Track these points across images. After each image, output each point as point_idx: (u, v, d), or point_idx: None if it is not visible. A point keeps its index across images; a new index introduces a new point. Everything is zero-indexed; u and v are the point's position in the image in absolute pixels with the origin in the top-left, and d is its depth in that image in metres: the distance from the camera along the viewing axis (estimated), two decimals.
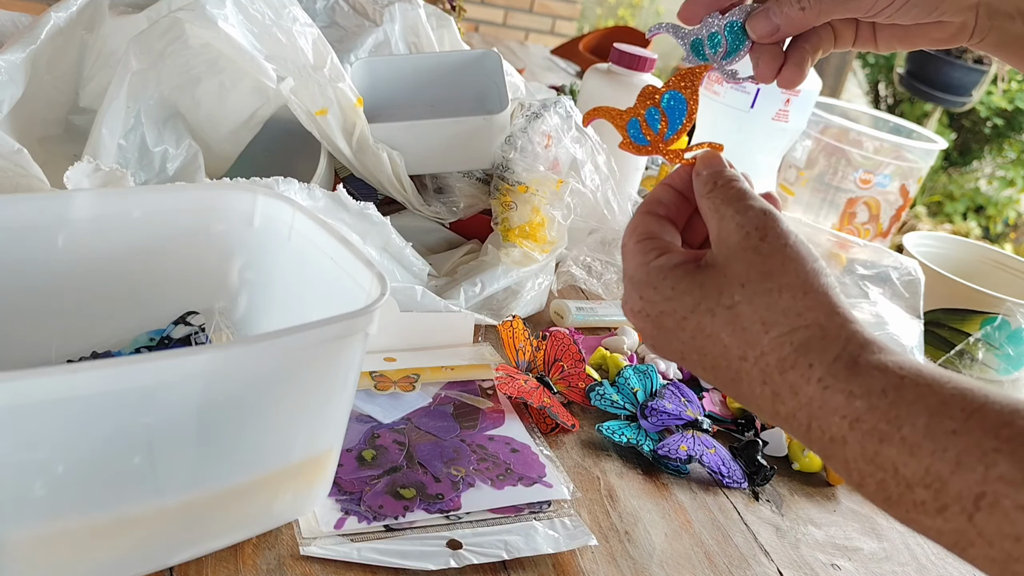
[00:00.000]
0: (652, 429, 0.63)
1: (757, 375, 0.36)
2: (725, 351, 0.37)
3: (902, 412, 0.32)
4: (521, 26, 3.54)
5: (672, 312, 0.39)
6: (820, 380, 0.34)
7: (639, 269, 0.41)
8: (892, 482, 0.32)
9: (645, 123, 0.46)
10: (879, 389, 0.33)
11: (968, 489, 0.30)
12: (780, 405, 0.35)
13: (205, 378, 0.38)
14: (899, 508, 0.32)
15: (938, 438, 0.31)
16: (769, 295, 0.36)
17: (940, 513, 0.31)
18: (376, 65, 0.80)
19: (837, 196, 1.14)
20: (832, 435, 0.33)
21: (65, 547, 0.38)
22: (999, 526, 0.29)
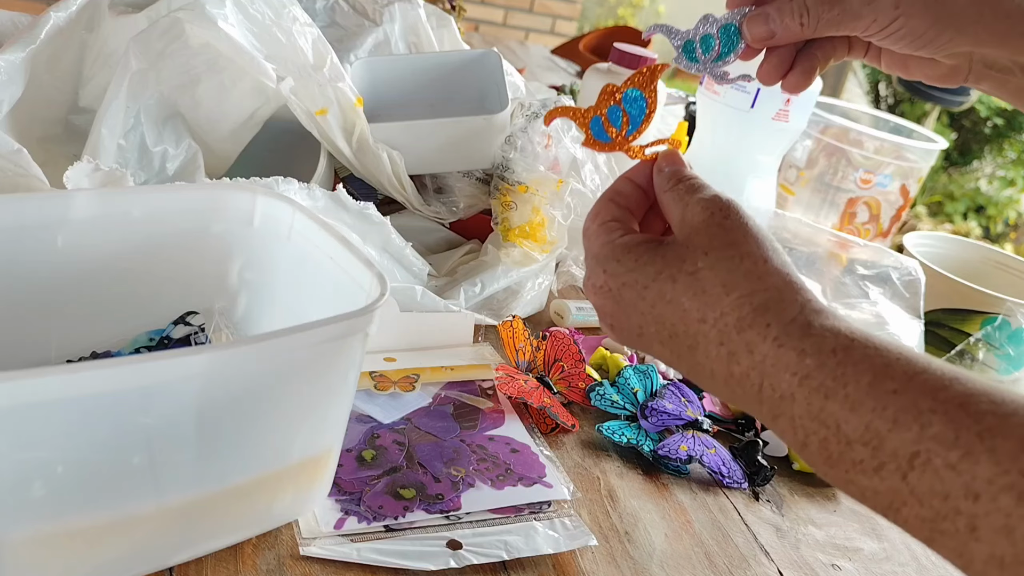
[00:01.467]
0: (652, 429, 0.63)
1: (715, 336, 0.37)
2: (684, 315, 0.38)
3: (848, 371, 0.33)
4: (521, 26, 3.54)
5: (634, 283, 0.40)
6: (776, 339, 0.35)
7: (603, 247, 0.42)
8: (834, 440, 0.33)
9: (607, 121, 0.47)
10: (829, 348, 0.34)
11: (904, 447, 0.31)
12: (735, 365, 0.36)
13: (205, 378, 0.38)
14: (839, 468, 0.33)
15: (879, 396, 0.32)
16: (731, 261, 0.38)
17: (877, 472, 0.32)
18: (376, 65, 0.80)
19: (837, 196, 1.14)
20: (782, 392, 0.35)
21: (65, 547, 0.38)
22: (930, 484, 0.30)
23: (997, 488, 0.28)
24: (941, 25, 0.44)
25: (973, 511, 0.29)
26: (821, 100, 1.17)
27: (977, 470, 0.29)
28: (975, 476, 0.29)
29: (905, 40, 0.45)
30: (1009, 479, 0.28)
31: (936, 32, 0.44)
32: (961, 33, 0.45)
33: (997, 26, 0.45)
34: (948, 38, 0.45)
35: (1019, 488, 0.28)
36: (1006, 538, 0.28)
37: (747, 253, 0.38)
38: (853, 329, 0.35)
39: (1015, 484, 0.28)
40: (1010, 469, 0.28)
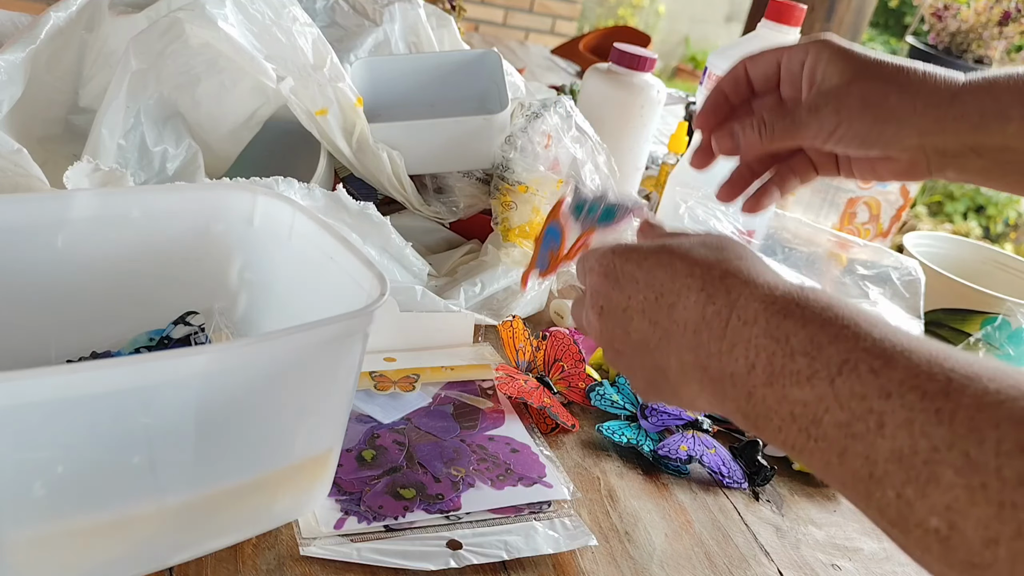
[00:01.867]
0: (652, 429, 0.63)
1: (697, 284, 0.42)
2: (675, 272, 0.43)
3: (810, 299, 0.38)
4: (521, 26, 3.54)
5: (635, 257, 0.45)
6: (753, 282, 0.40)
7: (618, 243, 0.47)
8: (780, 353, 0.37)
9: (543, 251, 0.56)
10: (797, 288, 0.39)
11: (837, 356, 0.35)
12: (709, 306, 0.41)
13: (204, 378, 0.38)
14: (778, 383, 0.37)
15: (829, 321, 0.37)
16: (720, 240, 0.44)
17: (809, 380, 0.36)
18: (376, 65, 0.80)
19: (837, 196, 1.14)
20: (746, 319, 0.39)
21: (65, 547, 0.38)
22: (851, 387, 0.34)
23: (906, 387, 0.33)
24: (881, 123, 0.48)
25: (883, 408, 0.33)
26: None
27: (893, 374, 0.33)
28: (890, 379, 0.33)
29: (854, 142, 0.49)
30: (917, 381, 0.33)
31: (879, 130, 0.48)
32: (902, 126, 0.48)
33: (930, 113, 0.48)
34: (892, 133, 0.48)
35: (923, 388, 0.32)
36: (906, 430, 0.32)
37: (734, 241, 0.44)
38: (819, 290, 0.40)
39: (920, 384, 0.32)
40: (919, 374, 0.33)
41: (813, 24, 2.79)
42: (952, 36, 2.56)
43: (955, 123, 0.48)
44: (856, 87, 0.48)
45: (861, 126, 0.48)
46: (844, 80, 0.48)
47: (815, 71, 0.49)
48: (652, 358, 0.44)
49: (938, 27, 2.57)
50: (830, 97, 0.48)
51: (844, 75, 0.48)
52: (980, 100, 0.48)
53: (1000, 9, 2.45)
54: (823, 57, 0.49)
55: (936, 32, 2.58)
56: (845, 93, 0.48)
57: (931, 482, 0.31)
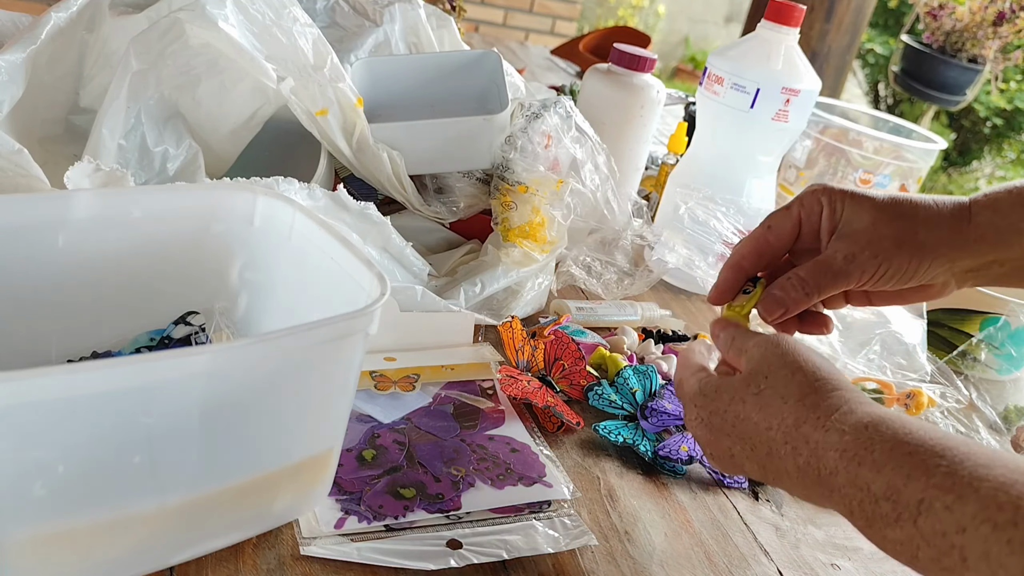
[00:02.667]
0: (652, 430, 0.63)
1: (780, 438, 0.44)
2: (756, 427, 0.45)
3: (875, 439, 0.40)
4: (521, 26, 3.54)
5: (717, 410, 0.48)
6: (824, 426, 0.43)
7: (693, 387, 0.50)
8: (867, 500, 0.39)
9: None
10: (863, 424, 0.41)
11: (914, 496, 0.37)
12: (798, 457, 0.43)
13: (205, 378, 0.38)
14: (875, 526, 0.39)
15: (898, 457, 0.39)
16: (786, 377, 0.46)
17: (897, 522, 0.38)
18: (376, 65, 0.80)
19: None
20: (830, 468, 0.41)
21: (65, 547, 0.38)
22: (932, 525, 0.36)
23: (979, 521, 0.35)
24: (918, 258, 0.51)
25: (962, 543, 0.35)
26: (821, 100, 1.17)
27: (965, 508, 0.35)
28: (964, 513, 0.35)
29: (895, 279, 0.51)
30: (988, 513, 0.35)
31: (915, 265, 0.51)
32: (936, 257, 0.51)
33: (955, 240, 0.51)
34: (928, 266, 0.51)
35: (994, 520, 0.34)
36: (984, 562, 0.34)
37: (800, 368, 0.46)
38: (888, 412, 0.42)
39: (991, 517, 0.34)
40: (989, 505, 0.35)
41: (813, 24, 2.79)
42: (947, 35, 2.56)
43: (976, 244, 0.51)
44: (885, 228, 0.51)
45: (900, 263, 0.51)
46: (868, 222, 0.51)
47: (833, 219, 0.52)
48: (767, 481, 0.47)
49: (933, 26, 2.57)
50: (863, 243, 0.50)
51: (865, 217, 0.51)
52: (991, 219, 0.51)
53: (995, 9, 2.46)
54: (838, 206, 0.51)
55: (931, 31, 2.58)
56: (876, 236, 0.50)
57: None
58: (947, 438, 0.39)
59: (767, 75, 0.83)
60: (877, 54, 4.21)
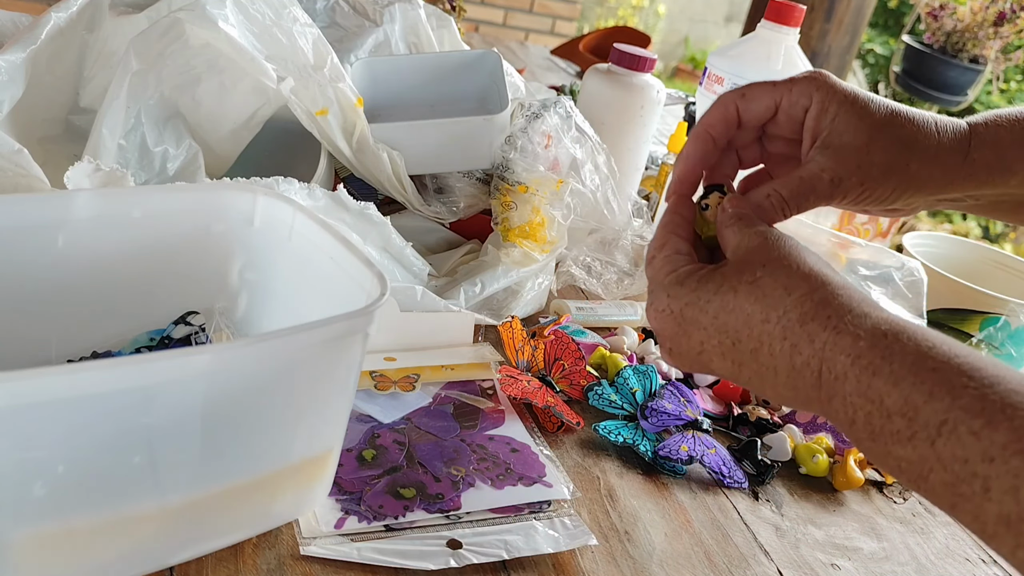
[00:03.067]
0: (652, 430, 0.63)
1: (779, 333, 0.40)
2: (748, 319, 0.41)
3: (895, 350, 0.36)
4: (521, 26, 3.54)
5: (695, 301, 0.43)
6: (835, 327, 0.39)
7: (668, 275, 0.45)
8: (877, 413, 0.36)
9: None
10: (881, 332, 0.38)
11: (935, 416, 0.34)
12: (796, 356, 0.40)
13: (205, 378, 0.38)
14: (880, 440, 0.36)
15: (919, 373, 0.35)
16: (789, 268, 0.41)
17: (910, 440, 0.35)
18: (376, 65, 0.80)
19: None
20: (836, 373, 0.38)
21: (65, 547, 0.38)
22: (953, 450, 0.33)
23: (1010, 452, 0.32)
24: (902, 189, 0.48)
25: (987, 472, 0.32)
26: None
27: (995, 436, 0.32)
28: (993, 442, 0.32)
29: (874, 205, 0.49)
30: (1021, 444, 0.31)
31: (897, 195, 0.48)
32: (920, 190, 0.48)
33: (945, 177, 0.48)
34: (909, 196, 0.48)
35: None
36: (1012, 496, 0.31)
37: (802, 262, 0.42)
38: (902, 320, 0.38)
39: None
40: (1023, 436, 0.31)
41: (813, 24, 2.79)
42: (948, 35, 2.56)
43: (964, 181, 0.49)
44: (878, 154, 0.46)
45: (883, 192, 0.47)
46: (861, 142, 0.46)
47: (821, 121, 0.47)
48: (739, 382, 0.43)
49: (934, 26, 2.57)
50: (852, 166, 0.46)
51: (859, 135, 0.46)
52: (987, 158, 0.48)
53: (996, 9, 2.45)
54: (830, 108, 0.47)
55: (932, 31, 2.58)
56: (867, 162, 0.46)
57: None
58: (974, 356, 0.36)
59: (767, 75, 0.83)
60: (877, 54, 4.21)
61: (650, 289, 0.46)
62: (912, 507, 0.65)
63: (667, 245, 0.47)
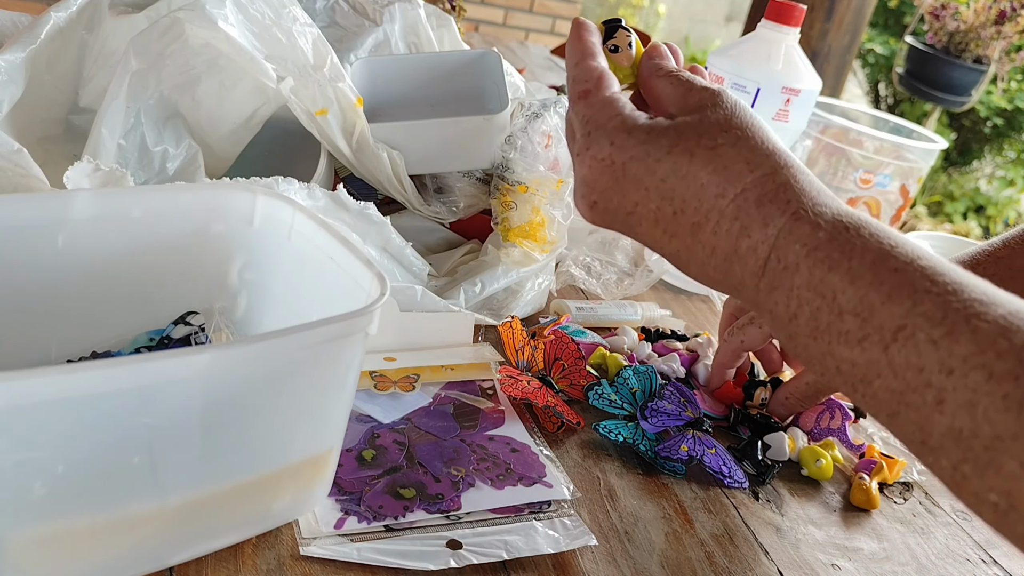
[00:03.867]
0: (653, 430, 0.63)
1: (731, 211, 0.37)
2: (701, 190, 0.38)
3: (856, 245, 0.34)
4: (521, 26, 3.54)
5: (644, 156, 0.39)
6: (794, 212, 0.36)
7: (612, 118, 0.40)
8: (826, 310, 0.34)
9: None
10: (843, 225, 0.35)
11: (891, 321, 0.32)
12: (744, 239, 0.37)
13: (205, 378, 0.38)
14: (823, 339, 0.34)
15: (880, 272, 0.33)
16: (753, 140, 0.38)
17: (860, 343, 0.33)
18: (376, 65, 0.80)
19: (837, 196, 1.14)
20: (787, 263, 0.35)
21: (65, 547, 0.38)
22: (907, 357, 0.31)
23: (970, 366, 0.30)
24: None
25: (943, 384, 0.30)
26: (821, 100, 1.17)
27: (956, 348, 0.30)
28: (952, 353, 0.30)
29: None
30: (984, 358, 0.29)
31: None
32: None
33: None
34: None
35: (991, 367, 0.29)
36: (967, 412, 0.29)
37: (766, 136, 0.38)
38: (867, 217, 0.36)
39: (988, 364, 0.29)
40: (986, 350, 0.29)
41: (813, 24, 2.80)
42: (950, 36, 2.56)
43: None
44: None
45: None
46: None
47: None
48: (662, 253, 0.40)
49: (936, 27, 2.57)
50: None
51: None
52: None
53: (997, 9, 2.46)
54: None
55: (934, 32, 2.58)
56: None
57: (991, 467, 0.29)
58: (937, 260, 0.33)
59: (767, 75, 0.83)
60: (877, 54, 4.21)
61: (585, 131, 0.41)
62: (912, 507, 0.65)
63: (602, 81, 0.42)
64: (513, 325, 0.68)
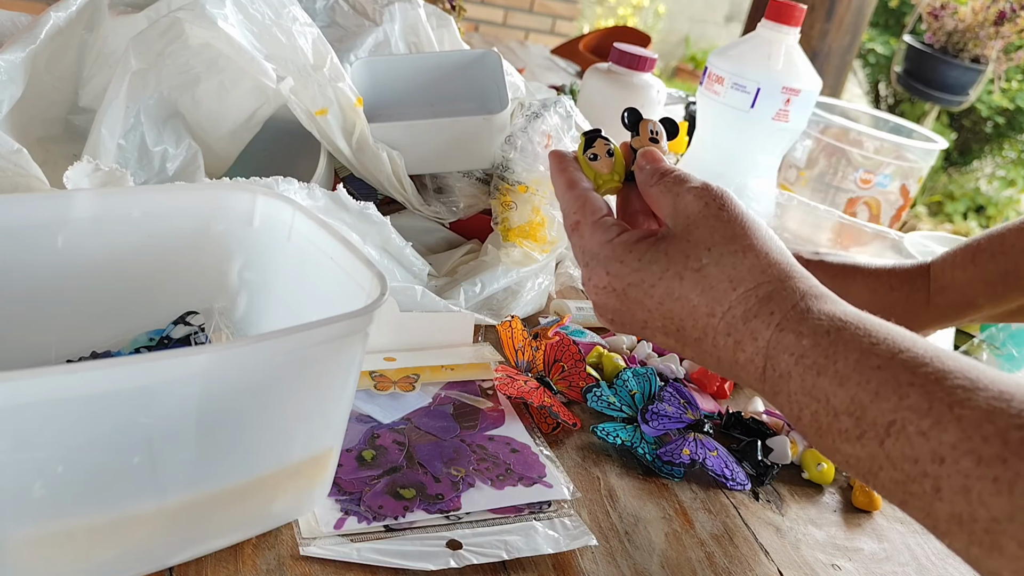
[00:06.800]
0: (653, 433, 0.63)
1: (723, 328, 0.40)
2: (693, 311, 0.40)
3: (839, 349, 0.36)
4: (521, 26, 3.54)
5: (639, 283, 0.42)
6: (778, 325, 0.38)
7: (603, 246, 0.43)
8: (823, 412, 0.36)
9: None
10: (824, 330, 0.37)
11: (882, 416, 0.34)
12: (740, 352, 0.39)
13: (205, 378, 0.38)
14: (827, 438, 0.36)
15: (864, 372, 0.35)
16: (735, 256, 0.40)
17: (858, 439, 0.34)
18: (376, 65, 0.80)
19: (837, 196, 1.14)
20: (781, 372, 0.37)
21: (65, 547, 0.38)
22: (902, 450, 0.33)
23: (959, 452, 0.31)
24: None
25: (937, 473, 0.32)
26: (821, 100, 1.17)
27: (944, 436, 0.32)
28: (942, 442, 0.32)
29: None
30: (971, 444, 0.31)
31: None
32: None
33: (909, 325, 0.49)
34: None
35: (978, 452, 0.30)
36: (963, 497, 0.31)
37: (748, 247, 0.40)
38: (848, 312, 0.38)
39: (975, 449, 0.31)
40: (972, 436, 0.31)
41: (813, 24, 2.80)
42: (949, 35, 2.56)
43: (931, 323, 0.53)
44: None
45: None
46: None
47: None
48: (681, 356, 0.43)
49: (934, 26, 2.56)
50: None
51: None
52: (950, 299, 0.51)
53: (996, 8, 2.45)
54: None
55: (933, 31, 2.58)
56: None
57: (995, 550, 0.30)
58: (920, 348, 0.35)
59: (767, 75, 0.83)
60: (878, 54, 4.21)
61: (584, 262, 0.45)
62: None
63: (586, 207, 0.45)
64: (513, 325, 0.68)
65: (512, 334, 0.68)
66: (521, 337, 0.68)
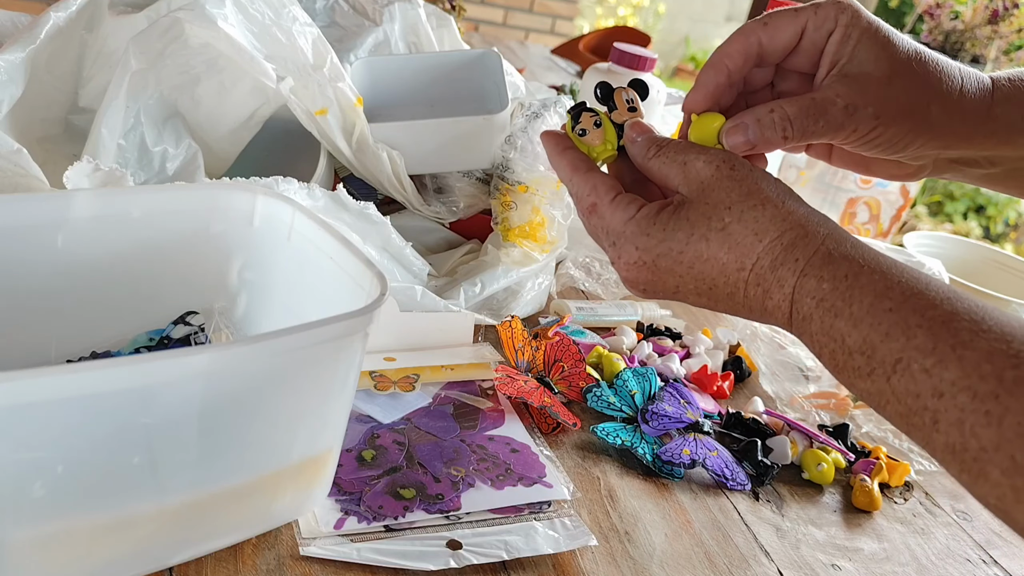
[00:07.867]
0: (653, 433, 0.63)
1: (753, 280, 0.42)
2: (723, 268, 0.43)
3: (855, 293, 0.39)
4: (521, 26, 3.54)
5: (668, 252, 0.44)
6: (802, 271, 0.41)
7: (627, 224, 0.45)
8: (840, 351, 0.39)
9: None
10: (843, 274, 0.40)
11: (890, 355, 0.37)
12: (768, 300, 0.42)
13: (205, 378, 0.38)
14: (844, 374, 0.39)
15: (877, 314, 0.38)
16: (755, 210, 0.42)
17: (869, 376, 0.38)
18: (376, 65, 0.80)
19: (837, 196, 1.14)
20: (804, 315, 0.40)
21: (65, 547, 0.38)
22: (907, 385, 0.36)
23: (958, 388, 0.34)
24: (915, 132, 0.45)
25: (936, 407, 0.35)
26: None
27: (945, 374, 0.35)
28: (942, 379, 0.35)
29: (881, 147, 0.46)
30: (969, 382, 0.34)
31: (911, 139, 0.46)
32: (934, 139, 0.46)
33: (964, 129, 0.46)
34: (921, 144, 0.46)
35: (975, 389, 0.34)
36: (957, 429, 0.34)
37: (766, 199, 0.42)
38: (866, 255, 0.40)
39: (972, 386, 0.34)
40: (971, 374, 0.34)
41: None
42: (947, 35, 2.56)
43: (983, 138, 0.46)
44: (897, 89, 0.44)
45: (897, 133, 0.45)
46: (882, 74, 0.44)
47: (842, 47, 0.44)
48: (715, 311, 0.45)
49: (932, 26, 2.56)
50: (869, 97, 0.44)
51: (881, 67, 0.44)
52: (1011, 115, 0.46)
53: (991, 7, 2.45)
54: (853, 34, 0.44)
55: (930, 30, 2.58)
56: (886, 95, 0.44)
57: (981, 477, 0.33)
58: (932, 291, 0.38)
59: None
60: None
61: (610, 242, 0.45)
62: (912, 507, 0.65)
63: (599, 188, 0.46)
64: (513, 325, 0.68)
65: (512, 334, 0.68)
66: (521, 337, 0.68)
